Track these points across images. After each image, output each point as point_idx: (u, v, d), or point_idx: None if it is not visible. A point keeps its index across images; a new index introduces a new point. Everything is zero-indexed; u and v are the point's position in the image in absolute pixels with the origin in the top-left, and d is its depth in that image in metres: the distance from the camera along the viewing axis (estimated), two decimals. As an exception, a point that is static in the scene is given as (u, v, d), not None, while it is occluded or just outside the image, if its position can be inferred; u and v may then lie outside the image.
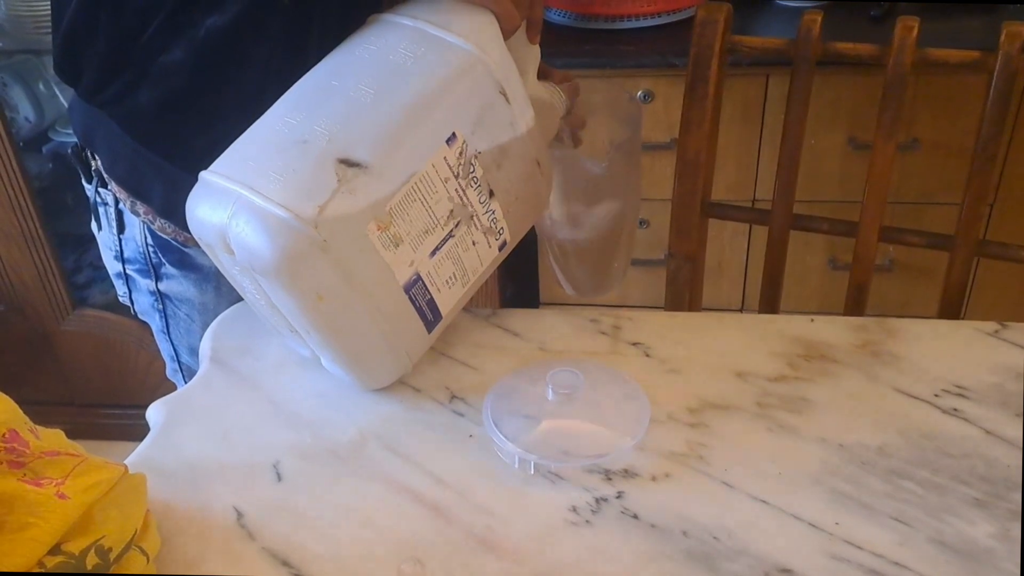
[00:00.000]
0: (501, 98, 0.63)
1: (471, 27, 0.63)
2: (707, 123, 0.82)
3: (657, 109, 1.42)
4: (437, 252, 0.64)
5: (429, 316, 0.67)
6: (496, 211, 0.66)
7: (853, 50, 0.77)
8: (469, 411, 0.68)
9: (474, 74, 0.63)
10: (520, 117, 0.65)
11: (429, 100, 0.61)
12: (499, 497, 0.60)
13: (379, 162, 0.60)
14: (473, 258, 0.67)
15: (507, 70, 0.64)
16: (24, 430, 0.51)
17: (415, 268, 0.63)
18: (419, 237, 0.63)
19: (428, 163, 0.61)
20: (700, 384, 0.69)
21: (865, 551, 0.54)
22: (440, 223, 0.63)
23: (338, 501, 0.60)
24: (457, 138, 0.62)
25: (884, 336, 0.73)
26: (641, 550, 0.55)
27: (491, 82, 0.63)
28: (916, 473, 0.60)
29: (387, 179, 0.60)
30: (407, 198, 0.61)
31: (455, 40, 0.62)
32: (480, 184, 0.64)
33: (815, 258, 1.51)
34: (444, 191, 0.62)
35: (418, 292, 0.65)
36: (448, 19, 0.63)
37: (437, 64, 0.62)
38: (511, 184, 0.66)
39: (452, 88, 0.62)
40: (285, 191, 0.58)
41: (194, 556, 0.56)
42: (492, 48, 0.63)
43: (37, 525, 0.46)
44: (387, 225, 0.60)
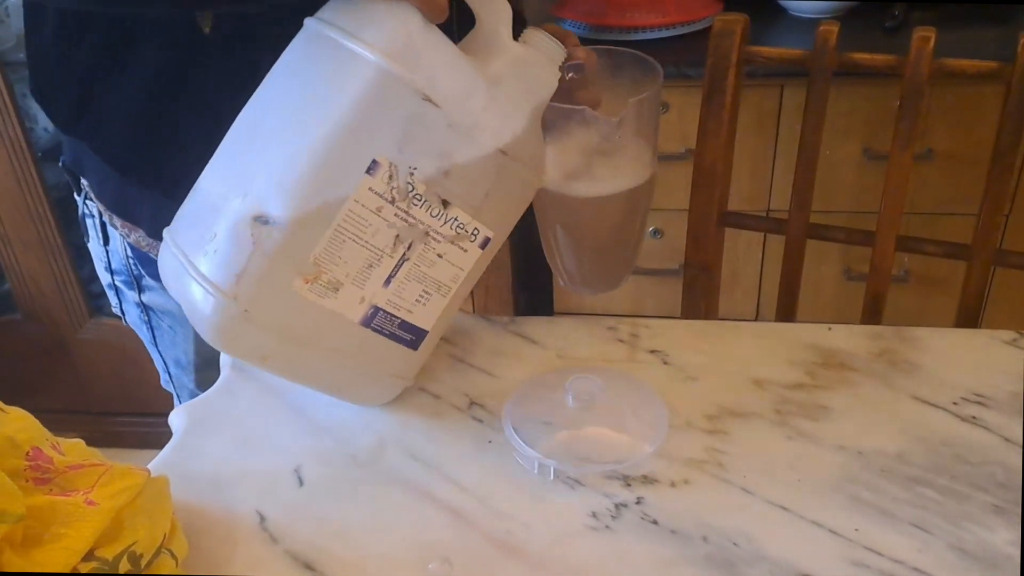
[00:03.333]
0: (428, 105, 0.55)
1: (381, 31, 0.55)
2: (724, 133, 0.83)
3: (671, 120, 1.43)
4: (392, 280, 0.60)
5: (408, 337, 0.64)
6: (459, 217, 0.60)
7: (870, 61, 0.78)
8: (488, 417, 0.68)
9: (385, 90, 0.55)
10: (461, 113, 0.57)
11: (337, 133, 0.55)
12: (519, 502, 0.60)
13: (292, 214, 0.55)
14: (444, 269, 0.62)
15: (432, 70, 0.56)
16: (47, 446, 0.52)
17: (369, 303, 0.60)
18: (362, 273, 0.59)
19: (349, 200, 0.56)
20: (718, 391, 0.69)
21: (885, 557, 0.54)
22: (386, 252, 0.59)
23: (359, 506, 0.61)
24: (380, 164, 0.56)
25: (902, 345, 0.73)
26: (661, 555, 0.56)
27: (408, 92, 0.55)
28: (935, 480, 0.60)
29: (305, 229, 0.56)
30: (334, 242, 0.57)
31: (362, 51, 0.54)
32: (426, 199, 0.58)
33: (830, 268, 1.51)
34: (380, 220, 0.57)
35: (383, 322, 0.62)
36: (359, 23, 0.56)
37: (345, 86, 0.55)
38: (471, 184, 0.60)
39: (362, 112, 0.55)
40: (208, 262, 0.57)
41: (220, 559, 0.57)
42: (407, 52, 0.55)
43: (69, 535, 0.46)
44: (316, 276, 0.57)
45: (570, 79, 0.67)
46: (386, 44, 0.54)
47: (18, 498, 0.44)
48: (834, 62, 0.79)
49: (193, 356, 0.84)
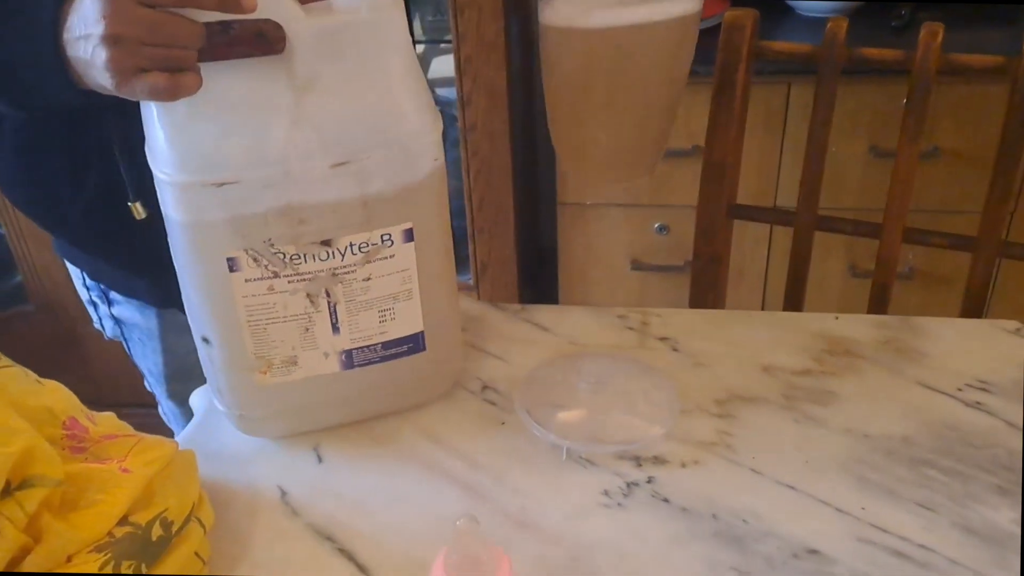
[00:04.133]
0: (228, 187, 0.53)
1: (155, 146, 0.54)
2: (734, 127, 0.84)
3: (679, 116, 1.44)
4: (337, 327, 0.60)
5: (405, 347, 0.64)
6: (353, 240, 0.57)
7: (878, 55, 0.79)
8: (500, 400, 0.70)
9: (189, 202, 0.54)
10: (265, 169, 0.54)
11: (188, 259, 0.57)
12: (532, 480, 0.62)
13: (212, 331, 0.60)
14: (385, 283, 0.60)
15: (212, 154, 0.53)
16: (82, 417, 0.53)
17: (336, 352, 0.61)
18: (305, 339, 0.60)
19: (239, 299, 0.57)
20: (727, 377, 0.71)
21: (891, 534, 0.56)
22: (310, 311, 0.59)
23: (377, 482, 0.62)
24: (237, 258, 0.56)
25: (908, 333, 0.74)
26: (672, 531, 0.57)
27: (204, 191, 0.54)
28: (940, 462, 0.61)
29: (230, 339, 0.59)
30: (257, 334, 0.59)
31: (160, 176, 0.55)
32: (303, 253, 0.57)
33: (835, 265, 1.52)
34: (279, 296, 0.58)
35: (365, 355, 0.62)
36: (150, 144, 0.56)
37: (171, 215, 0.56)
38: (334, 211, 0.56)
39: (190, 231, 0.56)
40: (210, 387, 0.66)
41: (243, 530, 0.58)
42: (185, 158, 0.53)
43: (105, 500, 0.48)
44: (268, 365, 0.60)
45: None
46: (164, 163, 0.54)
47: (57, 464, 0.46)
48: (843, 57, 0.80)
49: (163, 367, 0.85)
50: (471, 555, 0.39)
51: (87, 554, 0.46)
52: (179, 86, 0.48)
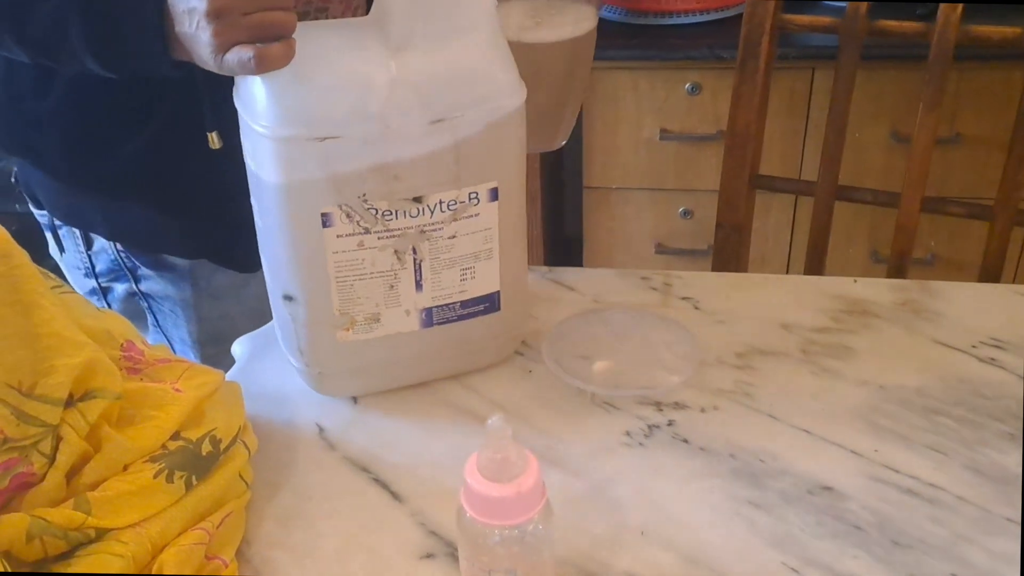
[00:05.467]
0: (329, 142, 0.55)
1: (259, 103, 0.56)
2: (757, 97, 0.86)
3: (704, 101, 1.47)
4: (421, 283, 0.62)
5: (482, 307, 0.66)
6: (443, 198, 0.59)
7: (899, 28, 0.81)
8: (528, 351, 0.73)
9: (290, 154, 0.56)
10: (365, 125, 0.56)
11: (285, 211, 0.58)
12: (557, 422, 0.65)
13: (299, 288, 0.61)
14: (469, 242, 0.62)
15: (315, 109, 0.55)
16: (139, 341, 0.57)
17: (417, 310, 0.63)
18: (389, 296, 0.62)
19: (329, 255, 0.59)
20: (747, 333, 0.73)
21: (903, 474, 0.58)
22: (395, 270, 0.61)
23: (410, 421, 0.66)
24: (331, 214, 0.57)
25: (924, 296, 0.77)
26: (691, 468, 0.60)
27: (307, 144, 0.55)
28: (952, 411, 0.63)
29: (315, 294, 0.61)
30: (343, 291, 0.61)
31: (258, 129, 0.56)
32: (395, 209, 0.59)
33: (857, 251, 1.54)
34: (368, 252, 0.60)
35: (444, 314, 0.64)
36: (249, 103, 0.57)
37: (267, 167, 0.57)
38: (428, 168, 0.58)
39: (288, 183, 0.57)
40: (282, 342, 0.67)
41: (283, 460, 0.61)
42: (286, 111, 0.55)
43: (159, 416, 0.51)
44: (351, 322, 0.62)
45: None
46: (264, 116, 0.55)
47: (117, 378, 0.49)
48: (865, 29, 0.82)
49: (197, 334, 0.87)
50: (501, 454, 0.41)
51: (142, 463, 0.50)
52: (268, 58, 0.51)
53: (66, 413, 0.47)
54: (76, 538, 0.46)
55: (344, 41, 0.55)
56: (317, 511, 0.58)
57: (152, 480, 0.49)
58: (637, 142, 1.54)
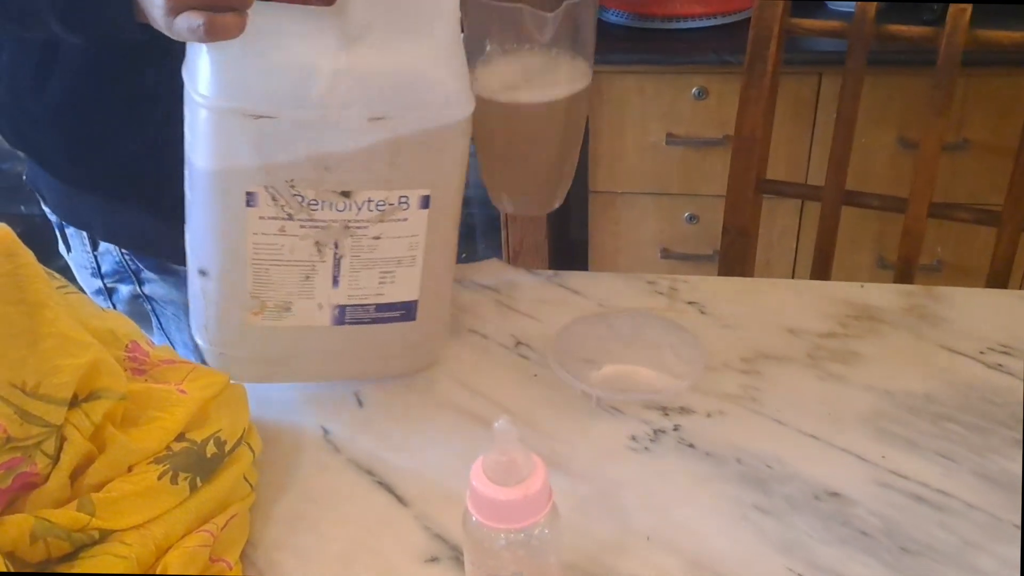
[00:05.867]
0: (264, 120, 0.54)
1: (200, 73, 0.55)
2: (764, 101, 0.86)
3: (711, 106, 1.46)
4: (339, 279, 0.61)
5: (396, 314, 0.64)
6: (372, 197, 0.58)
7: (907, 32, 0.81)
8: (533, 355, 0.73)
9: (221, 126, 0.55)
10: (303, 110, 0.55)
11: (206, 183, 0.57)
12: (563, 426, 0.64)
13: (214, 264, 0.60)
14: (392, 246, 0.61)
15: (253, 86, 0.54)
16: (143, 342, 0.57)
17: (330, 305, 0.62)
18: (303, 287, 0.61)
19: (249, 235, 0.58)
20: (753, 338, 0.73)
21: (910, 480, 0.58)
22: (315, 260, 0.60)
23: (414, 424, 0.65)
24: (256, 193, 0.56)
25: (932, 301, 0.76)
26: (697, 473, 0.59)
27: (239, 119, 0.54)
28: (960, 417, 0.63)
29: (230, 273, 0.60)
30: (258, 274, 0.59)
31: (195, 98, 0.55)
32: (322, 200, 0.58)
33: (864, 257, 1.53)
34: (289, 238, 0.58)
35: (357, 314, 0.63)
36: (191, 71, 0.56)
37: (199, 135, 0.57)
38: (363, 164, 0.57)
39: (215, 155, 0.56)
40: (193, 323, 0.66)
41: (289, 462, 0.61)
42: (225, 83, 0.54)
43: (164, 417, 0.51)
44: (261, 306, 0.61)
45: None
46: (204, 85, 0.54)
47: (122, 378, 0.49)
48: (872, 33, 0.82)
49: None
50: (508, 457, 0.41)
51: (147, 465, 0.49)
52: (217, 27, 0.49)
53: (70, 413, 0.47)
54: (80, 539, 0.45)
55: (299, 26, 0.54)
56: (322, 514, 0.57)
57: (156, 481, 0.49)
58: (643, 146, 1.54)
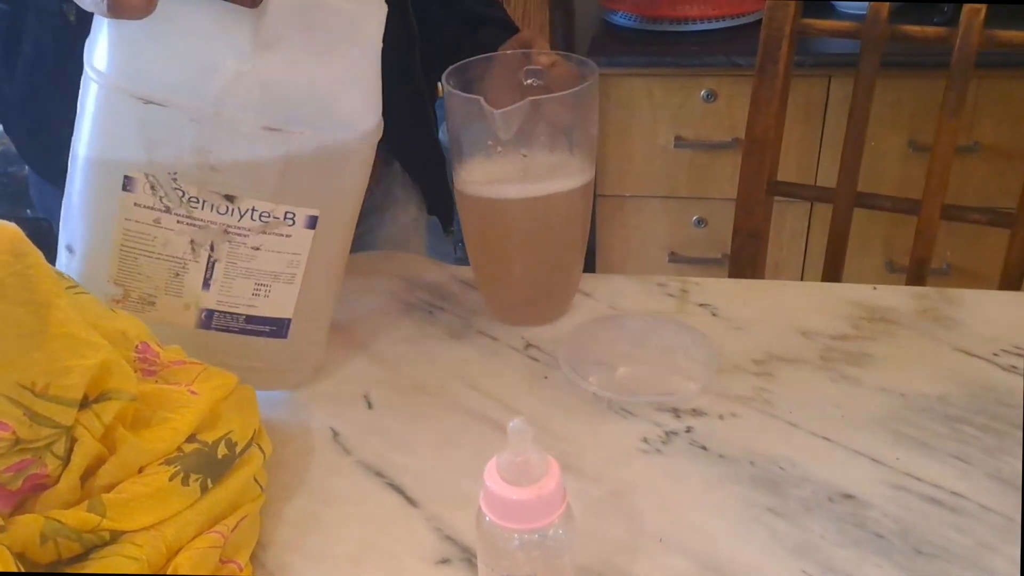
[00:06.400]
0: (153, 107, 0.53)
1: (98, 48, 0.53)
2: (775, 103, 0.86)
3: (720, 108, 1.46)
4: (210, 282, 0.59)
5: (266, 329, 0.63)
6: (256, 206, 0.57)
7: (920, 32, 0.81)
8: (543, 357, 0.72)
9: (109, 105, 0.54)
10: (197, 104, 0.53)
11: (85, 158, 0.56)
12: (574, 428, 0.64)
13: (81, 243, 0.57)
14: (270, 259, 0.59)
15: (151, 70, 0.53)
16: (153, 343, 0.57)
17: (196, 307, 0.60)
18: (172, 283, 0.59)
19: (119, 221, 0.56)
20: (765, 340, 0.72)
21: (925, 482, 0.57)
22: (188, 259, 0.58)
23: (424, 426, 0.65)
24: (135, 179, 0.55)
25: (945, 303, 0.76)
26: (710, 475, 0.59)
27: (129, 101, 0.53)
28: (974, 419, 0.62)
29: (95, 255, 0.58)
30: (125, 261, 0.57)
31: (88, 72, 0.54)
32: (203, 199, 0.56)
33: (873, 259, 1.53)
34: (163, 231, 0.57)
35: (224, 321, 0.61)
36: (91, 45, 0.54)
37: (85, 111, 0.55)
38: (252, 171, 0.56)
39: (99, 133, 0.54)
40: None
41: (298, 464, 0.61)
42: (121, 62, 0.52)
43: (175, 418, 0.51)
44: (124, 295, 0.58)
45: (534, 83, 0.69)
46: (99, 60, 0.53)
47: (132, 379, 0.49)
48: (885, 33, 0.82)
49: None
50: (522, 457, 0.41)
51: (157, 466, 0.49)
52: (122, 4, 0.48)
53: (80, 414, 0.47)
54: (90, 540, 0.45)
55: (212, 22, 0.52)
56: (332, 516, 0.57)
57: (167, 483, 0.48)
58: (651, 150, 1.54)
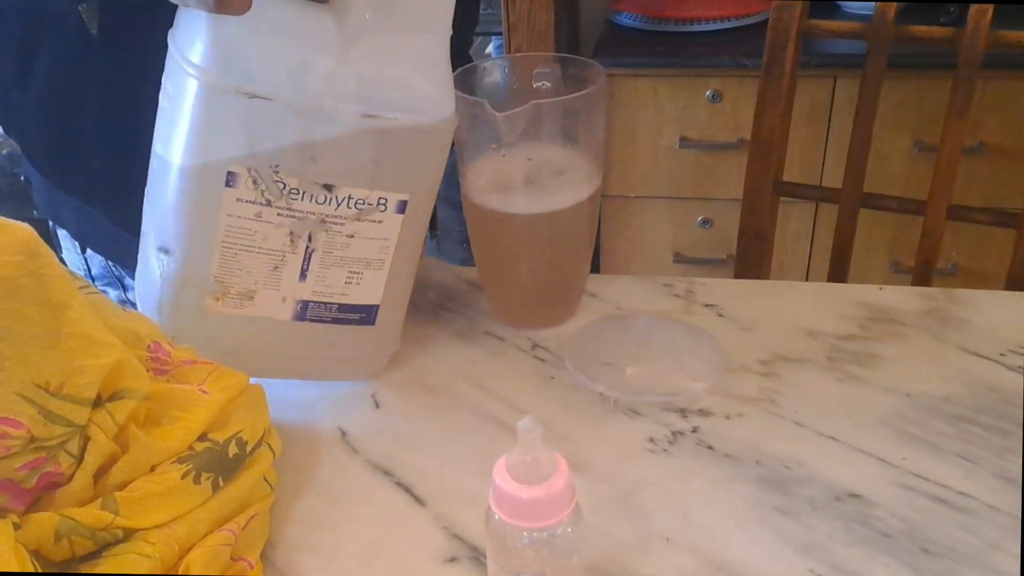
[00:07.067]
0: (257, 101, 0.53)
1: (195, 42, 0.54)
2: (782, 103, 0.86)
3: (725, 109, 1.47)
4: (307, 273, 0.60)
5: (356, 316, 0.64)
6: (353, 194, 0.58)
7: (927, 33, 0.81)
8: (550, 357, 0.73)
9: (211, 102, 0.54)
10: (298, 95, 0.54)
11: (186, 158, 0.56)
12: (581, 428, 0.64)
13: (180, 243, 0.58)
14: (364, 246, 0.61)
15: (251, 65, 0.53)
16: (165, 342, 0.57)
17: (293, 299, 0.61)
18: (270, 276, 0.60)
19: (223, 216, 0.57)
20: (772, 340, 0.73)
21: (931, 482, 0.57)
22: (286, 251, 0.59)
23: (432, 426, 0.65)
24: (238, 174, 0.55)
25: (951, 304, 0.76)
26: (716, 475, 0.59)
27: (232, 97, 0.53)
28: (981, 419, 0.63)
29: (195, 254, 0.58)
30: (226, 258, 0.58)
31: (185, 68, 0.54)
32: (303, 190, 0.57)
33: (878, 260, 1.53)
34: (264, 225, 0.58)
35: (319, 312, 0.62)
36: (184, 39, 0.55)
37: (183, 108, 0.55)
38: (349, 159, 0.57)
39: (200, 130, 0.55)
40: (140, 297, 0.63)
41: (306, 463, 0.61)
42: (221, 57, 0.53)
43: (186, 418, 0.51)
44: (224, 292, 0.59)
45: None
46: (199, 56, 0.53)
47: (145, 378, 0.49)
48: (892, 34, 0.82)
49: None
50: (531, 456, 0.41)
51: (169, 464, 0.50)
52: (225, 1, 0.49)
53: (94, 413, 0.48)
54: (104, 538, 0.46)
55: (300, 16, 0.53)
56: (340, 514, 0.58)
57: (179, 481, 0.49)
58: (656, 150, 1.54)
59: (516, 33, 1.33)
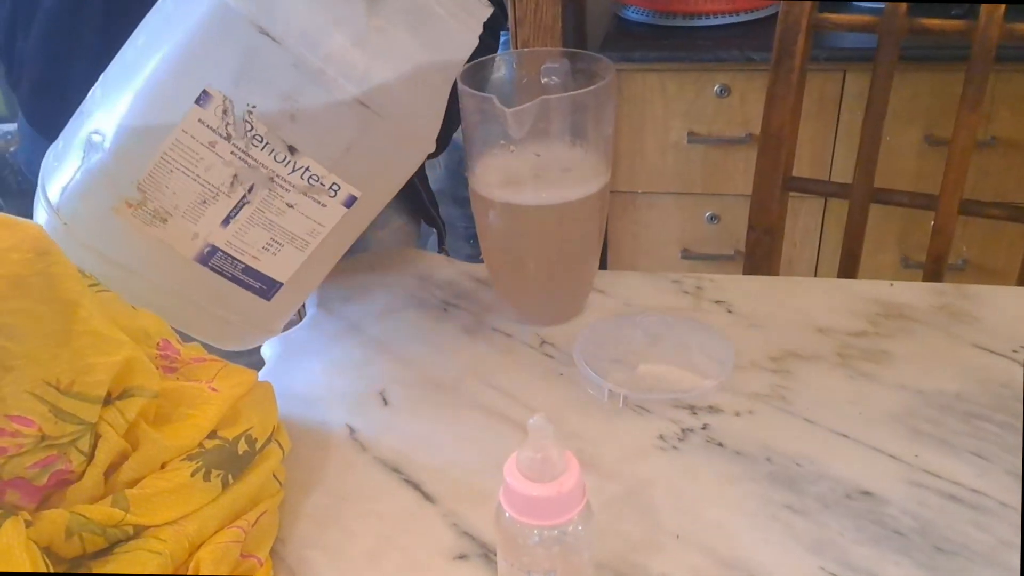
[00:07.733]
0: (265, 39, 0.52)
1: None
2: (791, 98, 0.86)
3: (733, 104, 1.46)
4: (231, 220, 0.58)
5: (256, 285, 0.62)
6: (311, 167, 0.57)
7: (939, 26, 0.80)
8: (558, 354, 0.72)
9: (222, 20, 0.53)
10: (308, 53, 0.53)
11: (169, 57, 0.54)
12: (590, 425, 0.64)
13: (118, 136, 0.55)
14: (297, 221, 0.59)
15: (275, 4, 0.53)
16: (174, 340, 0.57)
17: (204, 240, 0.58)
18: (194, 208, 0.57)
19: (176, 129, 0.54)
20: (782, 337, 0.72)
21: (944, 479, 0.57)
22: (222, 191, 0.57)
23: (440, 423, 0.65)
24: (212, 96, 0.53)
25: (963, 300, 0.75)
26: (726, 472, 0.59)
27: (244, 24, 0.52)
28: (994, 416, 0.62)
29: (130, 151, 0.55)
30: (160, 170, 0.56)
31: None
32: (267, 141, 0.55)
33: (888, 257, 1.52)
34: (213, 156, 0.55)
35: (222, 263, 0.60)
36: None
37: (189, 13, 0.54)
38: (325, 134, 0.56)
39: (197, 40, 0.53)
40: (47, 174, 0.60)
41: (315, 461, 0.61)
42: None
43: (196, 415, 0.51)
44: (141, 202, 0.56)
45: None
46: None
47: (155, 376, 0.49)
48: (904, 27, 0.81)
49: None
50: (542, 453, 0.41)
51: (179, 462, 0.50)
52: None
53: (104, 411, 0.48)
54: (115, 535, 0.46)
55: None
56: (350, 511, 0.57)
57: (189, 478, 0.49)
58: (664, 145, 1.54)
59: (523, 27, 1.33)
